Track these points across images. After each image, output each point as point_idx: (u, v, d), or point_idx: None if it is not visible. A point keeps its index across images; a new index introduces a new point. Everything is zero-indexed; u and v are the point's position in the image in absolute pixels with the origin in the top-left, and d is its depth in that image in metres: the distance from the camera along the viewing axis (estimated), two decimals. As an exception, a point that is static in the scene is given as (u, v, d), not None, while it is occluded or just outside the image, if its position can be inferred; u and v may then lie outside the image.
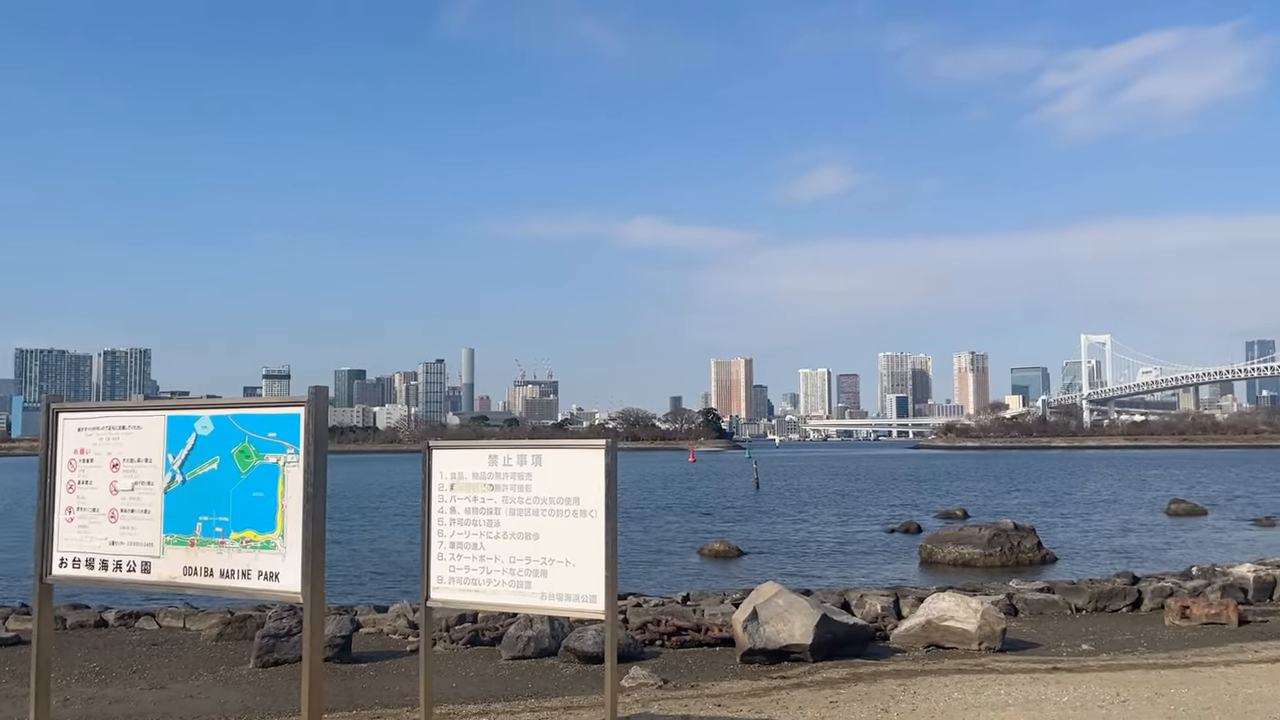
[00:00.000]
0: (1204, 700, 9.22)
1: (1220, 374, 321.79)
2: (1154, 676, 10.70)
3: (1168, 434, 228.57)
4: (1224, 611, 15.97)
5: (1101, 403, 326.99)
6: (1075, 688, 9.94)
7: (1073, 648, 13.74)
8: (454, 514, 7.28)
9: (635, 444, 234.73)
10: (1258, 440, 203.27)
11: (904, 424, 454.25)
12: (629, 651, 12.98)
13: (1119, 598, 18.25)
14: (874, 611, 16.24)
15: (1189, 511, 44.42)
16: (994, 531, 28.47)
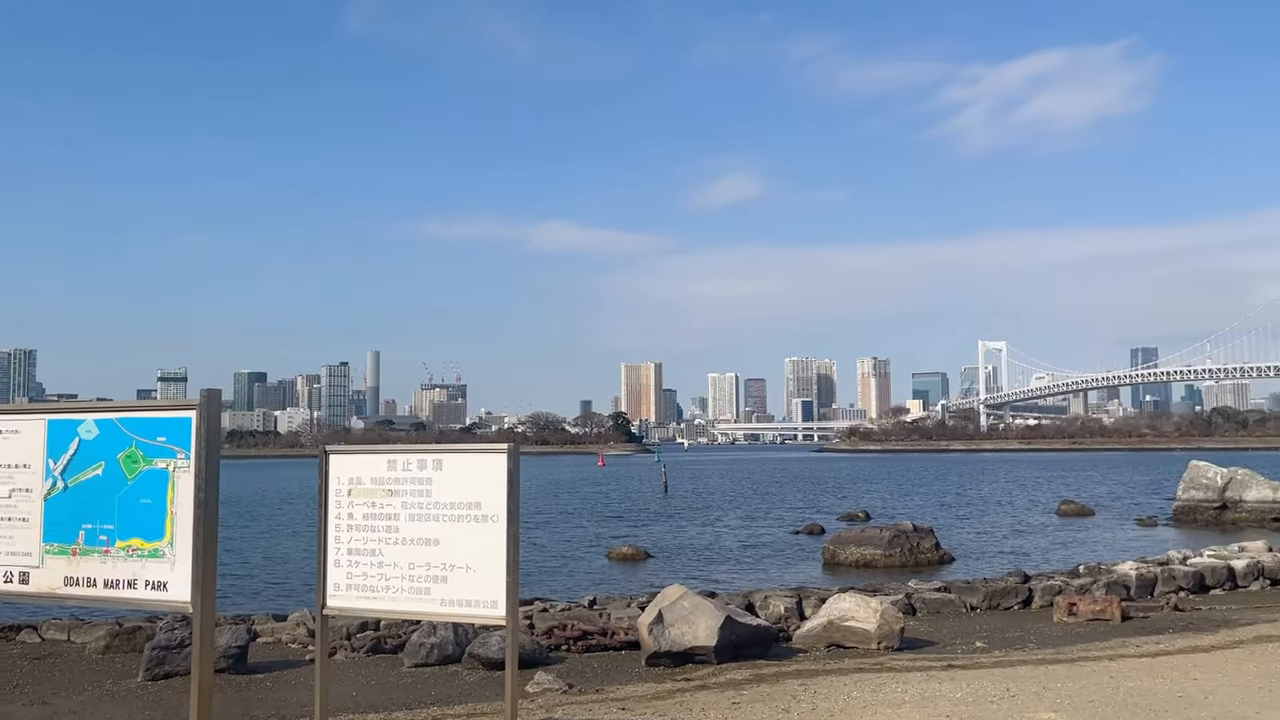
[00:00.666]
0: (1088, 694, 9.59)
1: (1107, 380, 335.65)
2: (1042, 671, 11.09)
3: (1059, 437, 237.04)
4: (1108, 608, 16.66)
5: (997, 407, 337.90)
6: (968, 684, 10.24)
7: (967, 645, 14.15)
8: (352, 520, 7.13)
9: (545, 448, 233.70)
10: (1141, 443, 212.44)
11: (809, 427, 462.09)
12: (534, 657, 12.91)
13: (1011, 596, 18.88)
14: (777, 613, 16.48)
15: (1077, 512, 46.17)
16: (894, 533, 29.15)
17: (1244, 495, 40.29)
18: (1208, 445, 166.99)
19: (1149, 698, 9.30)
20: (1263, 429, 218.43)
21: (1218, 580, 21.20)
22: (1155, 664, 11.54)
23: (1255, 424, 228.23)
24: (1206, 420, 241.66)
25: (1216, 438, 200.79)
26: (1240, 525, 37.61)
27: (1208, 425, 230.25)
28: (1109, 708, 8.93)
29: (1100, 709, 8.88)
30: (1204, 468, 42.53)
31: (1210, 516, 39.79)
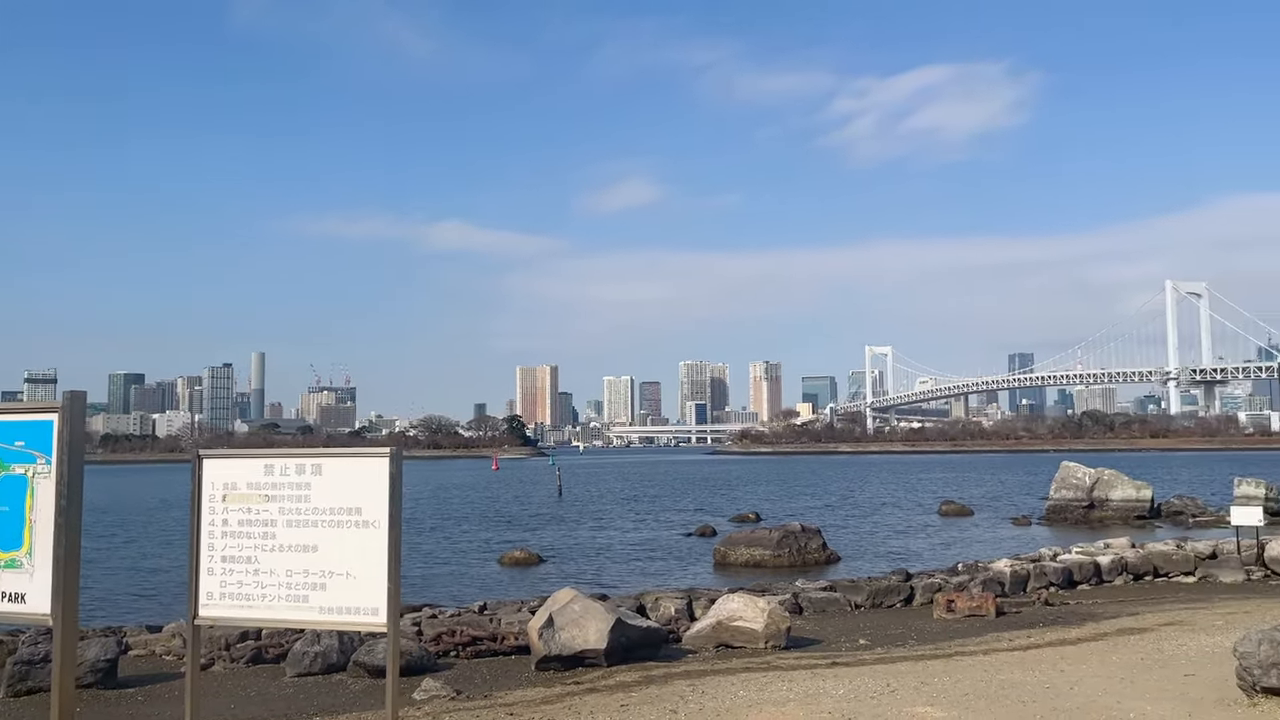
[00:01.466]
0: (963, 687, 9.93)
1: (987, 384, 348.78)
2: (921, 667, 11.43)
3: (941, 439, 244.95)
4: (984, 604, 17.30)
5: (883, 410, 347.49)
6: (851, 680, 10.49)
7: (851, 642, 14.50)
8: (226, 526, 6.88)
9: (437, 452, 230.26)
10: (1018, 445, 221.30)
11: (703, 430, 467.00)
12: (422, 663, 12.70)
13: (894, 594, 19.44)
14: (668, 614, 16.60)
15: (958, 512, 47.82)
16: (783, 533, 29.68)
17: (1110, 494, 42.36)
18: (1078, 447, 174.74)
19: (1019, 689, 9.68)
20: (1128, 431, 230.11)
21: (1085, 576, 22.24)
22: (1026, 657, 12.02)
23: (1121, 426, 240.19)
24: (1077, 423, 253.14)
25: (1086, 439, 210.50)
26: (1107, 523, 39.51)
27: (1078, 428, 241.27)
28: (982, 700, 9.26)
29: (974, 701, 9.20)
30: (1074, 468, 44.55)
31: (1079, 515, 41.68)
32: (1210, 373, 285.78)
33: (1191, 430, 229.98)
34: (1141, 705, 8.75)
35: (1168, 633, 13.61)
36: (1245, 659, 8.48)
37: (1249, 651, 8.47)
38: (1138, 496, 42.02)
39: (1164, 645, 12.33)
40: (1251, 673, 8.43)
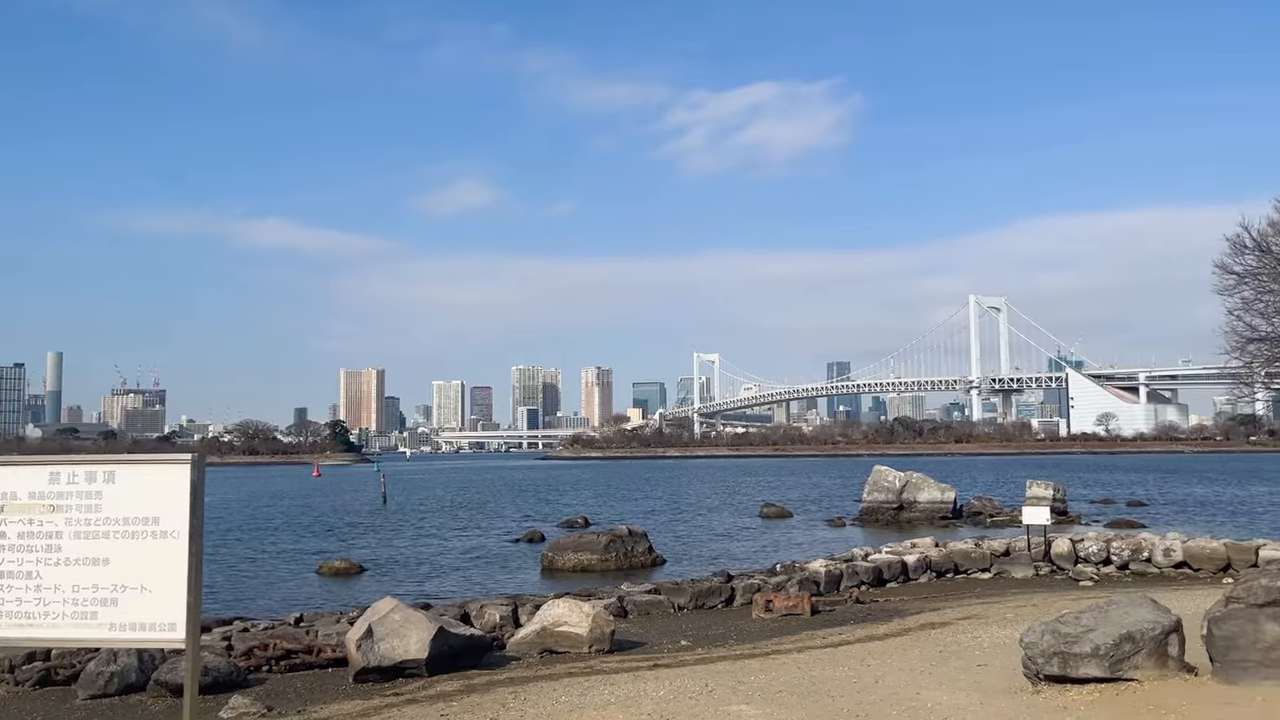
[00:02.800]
0: (778, 684, 10.27)
1: (807, 391, 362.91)
2: (739, 666, 11.76)
3: (764, 444, 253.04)
4: (800, 603, 17.96)
5: (710, 416, 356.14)
6: (671, 681, 10.67)
7: (673, 644, 14.76)
8: (4, 540, 6.35)
9: (254, 458, 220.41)
10: (835, 449, 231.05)
11: (534, 435, 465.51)
12: (231, 680, 12.12)
13: (715, 595, 19.91)
14: (493, 621, 16.45)
15: (778, 514, 49.47)
16: (610, 537, 29.92)
17: (918, 496, 44.78)
18: (890, 451, 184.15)
19: (829, 685, 10.10)
20: (935, 436, 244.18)
21: (893, 574, 23.44)
22: (837, 653, 12.54)
23: (929, 432, 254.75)
24: (889, 429, 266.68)
25: (897, 444, 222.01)
26: (914, 523, 41.75)
27: (890, 433, 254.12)
28: (794, 696, 9.61)
29: (787, 698, 9.53)
30: (885, 472, 46.86)
31: (890, 516, 43.89)
32: (1008, 382, 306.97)
33: (991, 435, 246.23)
34: (938, 695, 9.29)
35: (965, 626, 14.50)
36: (1030, 649, 9.13)
37: (1033, 642, 9.13)
38: (942, 498, 44.59)
39: (961, 638, 13.12)
40: (1035, 661, 9.09)
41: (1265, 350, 17.29)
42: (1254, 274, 16.89)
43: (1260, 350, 17.29)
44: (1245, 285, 17.08)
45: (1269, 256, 16.60)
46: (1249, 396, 25.69)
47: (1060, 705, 8.39)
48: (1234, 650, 8.64)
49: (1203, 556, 24.52)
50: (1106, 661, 8.74)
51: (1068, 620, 9.26)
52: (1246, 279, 17.03)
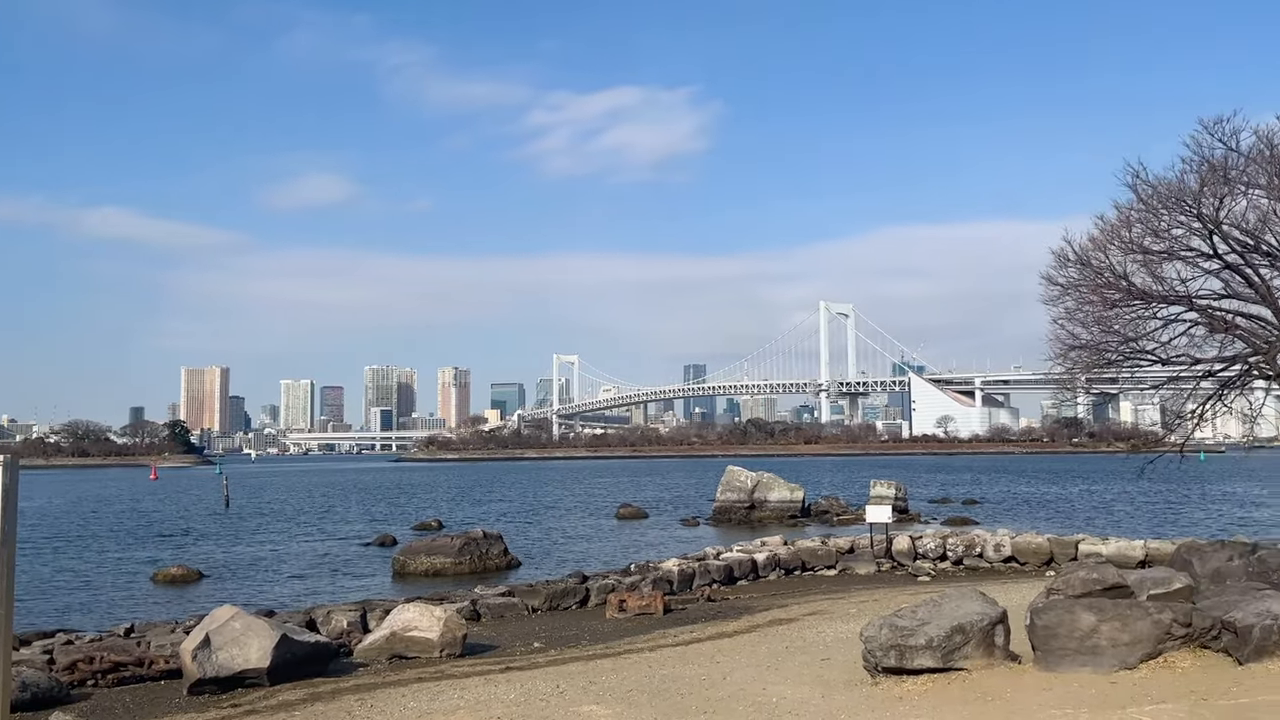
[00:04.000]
0: (628, 683, 10.37)
1: (664, 393, 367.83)
2: (591, 666, 11.81)
3: (622, 445, 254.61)
4: (653, 602, 18.16)
5: (569, 417, 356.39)
6: (523, 684, 10.63)
7: (526, 646, 14.70)
8: None
9: (84, 460, 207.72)
10: (691, 450, 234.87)
11: (388, 437, 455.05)
12: (52, 695, 11.42)
13: (570, 596, 19.93)
14: (340, 627, 16.00)
15: (634, 515, 49.93)
16: (464, 540, 29.54)
17: (768, 496, 45.97)
18: (743, 452, 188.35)
19: (679, 683, 10.26)
20: (786, 438, 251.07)
21: (744, 572, 23.99)
22: (688, 651, 12.76)
23: (781, 433, 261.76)
24: (743, 430, 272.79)
25: (750, 445, 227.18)
26: (765, 522, 42.85)
27: (744, 434, 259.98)
28: (644, 694, 9.72)
29: (637, 697, 9.64)
30: (738, 472, 47.91)
31: (742, 515, 44.90)
32: (855, 385, 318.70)
33: (838, 437, 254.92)
34: (783, 689, 9.57)
35: (810, 622, 14.97)
36: (869, 643, 9.51)
37: (872, 636, 9.51)
38: (791, 497, 45.90)
39: (806, 634, 13.55)
40: (875, 655, 9.47)
41: (1085, 357, 18.49)
42: (1076, 286, 18.05)
43: (1081, 357, 18.48)
44: (1068, 296, 18.23)
45: (1089, 270, 17.79)
46: (1071, 401, 27.45)
47: (896, 696, 8.77)
48: (1053, 639, 9.22)
49: (1029, 551, 26.07)
50: (939, 653, 9.19)
51: (904, 614, 9.69)
52: (1069, 290, 18.19)
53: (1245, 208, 16.79)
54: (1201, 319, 17.28)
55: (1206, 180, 16.57)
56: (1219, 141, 16.58)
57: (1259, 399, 18.77)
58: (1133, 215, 17.56)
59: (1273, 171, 16.18)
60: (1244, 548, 13.81)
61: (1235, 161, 16.53)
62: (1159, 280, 17.40)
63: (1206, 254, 16.99)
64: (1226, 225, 16.64)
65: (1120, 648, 8.97)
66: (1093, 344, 18.18)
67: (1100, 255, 17.79)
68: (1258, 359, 16.98)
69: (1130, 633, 9.00)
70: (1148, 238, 17.39)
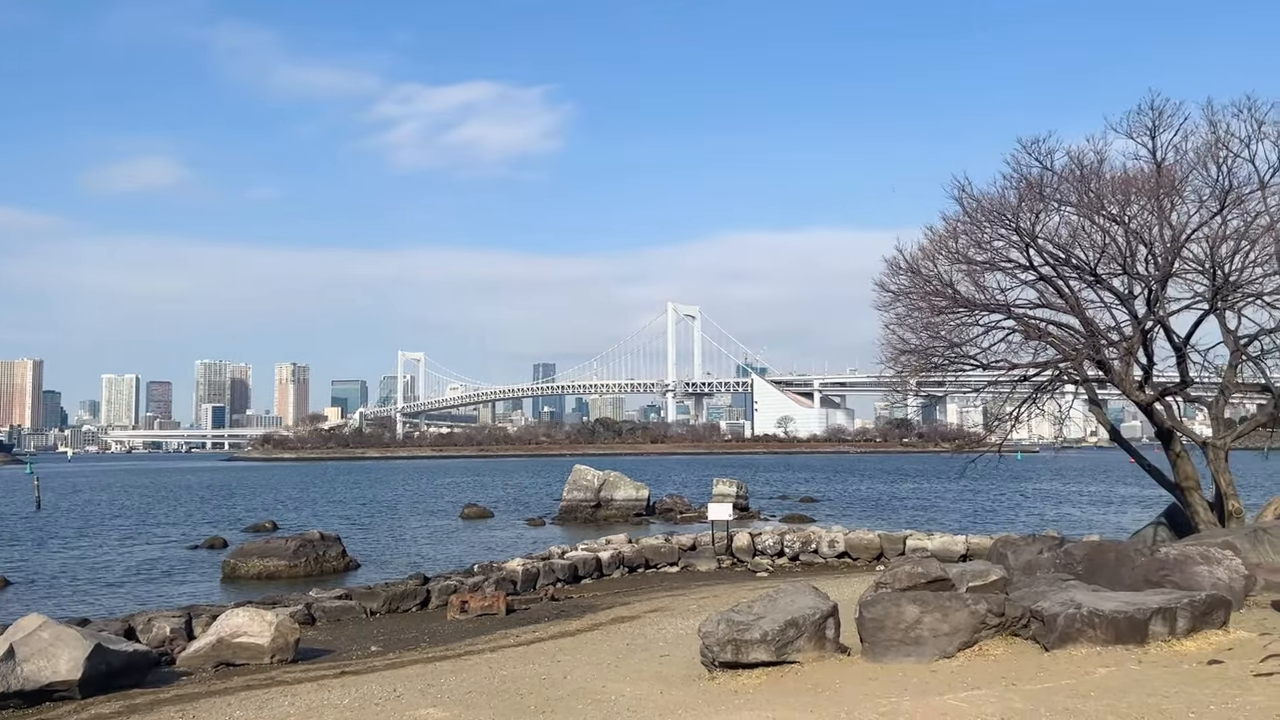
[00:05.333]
0: (468, 685, 10.24)
1: (513, 392, 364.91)
2: (430, 669, 11.61)
3: (469, 444, 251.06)
4: (495, 603, 18.02)
5: (414, 415, 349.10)
6: (358, 689, 10.35)
7: (363, 650, 14.33)
8: None
9: None
10: (539, 449, 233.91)
11: (220, 435, 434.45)
12: None
13: (410, 598, 19.55)
14: (162, 635, 15.19)
15: (479, 515, 49.35)
16: (300, 542, 28.55)
17: (614, 494, 46.30)
18: (591, 451, 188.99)
19: (519, 683, 10.20)
20: (633, 437, 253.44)
21: (588, 570, 24.09)
22: (529, 651, 12.70)
23: (628, 433, 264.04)
24: (591, 429, 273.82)
25: (598, 444, 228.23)
26: (611, 521, 43.13)
27: (592, 434, 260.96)
28: (483, 695, 9.61)
29: (476, 698, 9.52)
30: (584, 471, 48.05)
31: (588, 514, 45.06)
32: (700, 386, 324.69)
33: (684, 436, 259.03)
34: (622, 687, 9.64)
35: (652, 619, 15.17)
36: (707, 638, 9.70)
37: (710, 631, 9.70)
38: (637, 496, 46.38)
39: (648, 631, 13.71)
40: (712, 650, 9.66)
41: (915, 361, 19.41)
42: (906, 293, 18.92)
43: (910, 361, 19.39)
44: (899, 303, 19.10)
45: (919, 278, 18.67)
46: (902, 402, 28.74)
47: (732, 690, 8.97)
48: (880, 630, 9.62)
49: (861, 546, 27.19)
50: (773, 646, 9.46)
51: (741, 610, 9.93)
52: (900, 297, 19.06)
53: (1058, 223, 18.00)
54: (1018, 327, 18.40)
55: (1024, 196, 17.67)
56: (1035, 160, 17.72)
57: (1068, 402, 20.13)
58: (959, 227, 18.54)
59: (1083, 190, 17.38)
60: (1053, 541, 14.80)
61: (1050, 180, 17.69)
62: (981, 289, 18.44)
63: (1024, 265, 18.11)
64: (1042, 239, 17.78)
65: (941, 638, 9.44)
66: (921, 348, 19.10)
67: (929, 264, 18.71)
68: (1067, 365, 18.22)
69: (950, 623, 9.49)
70: (972, 249, 18.40)
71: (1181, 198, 17.20)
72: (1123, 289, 17.78)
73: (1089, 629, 9.05)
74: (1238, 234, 16.82)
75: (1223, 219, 16.81)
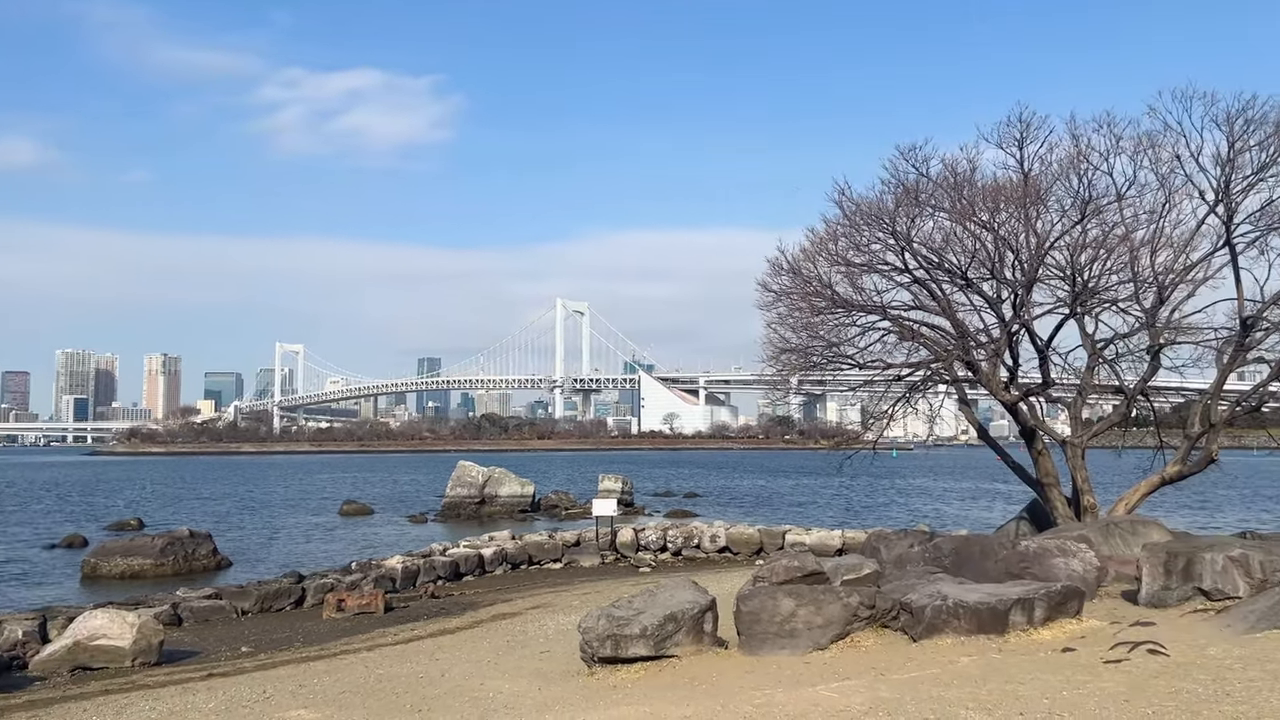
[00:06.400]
0: (341, 685, 10.00)
1: (396, 386, 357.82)
2: (303, 669, 11.30)
3: (349, 440, 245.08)
4: (373, 601, 17.67)
5: (292, 409, 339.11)
6: (225, 691, 10.00)
7: (233, 651, 13.87)
8: None
9: None
10: (423, 445, 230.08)
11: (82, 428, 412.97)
12: None
13: (284, 597, 19.01)
14: (13, 638, 14.39)
15: (358, 511, 48.27)
16: (168, 540, 27.44)
17: (499, 491, 45.95)
18: (477, 447, 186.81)
19: (395, 682, 10.02)
20: (520, 433, 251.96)
21: (470, 567, 23.85)
22: (407, 649, 12.50)
23: (515, 428, 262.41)
24: (476, 425, 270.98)
25: (484, 440, 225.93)
26: (495, 517, 42.80)
27: (477, 429, 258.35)
28: (358, 695, 9.41)
29: (350, 698, 9.32)
30: (469, 467, 47.53)
31: (472, 511, 44.59)
32: (588, 382, 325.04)
33: (571, 432, 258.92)
34: (501, 684, 9.58)
35: (534, 615, 15.11)
36: (587, 634, 9.71)
37: (590, 627, 9.72)
38: (522, 492, 46.15)
39: (529, 627, 13.66)
40: (592, 645, 9.68)
41: (795, 360, 19.84)
42: (788, 293, 19.33)
43: (791, 360, 19.81)
44: (780, 302, 19.50)
45: (799, 278, 19.09)
46: (784, 400, 29.37)
47: (610, 685, 9.00)
48: (757, 624, 9.81)
49: (742, 541, 27.66)
50: (652, 641, 9.54)
51: (621, 605, 9.98)
52: (782, 297, 19.45)
53: (932, 228, 18.67)
54: (894, 328, 19.01)
55: (901, 201, 18.25)
56: (912, 167, 18.33)
57: (940, 401, 20.89)
58: (839, 230, 19.04)
59: (956, 197, 18.06)
60: (924, 535, 15.35)
61: (925, 186, 18.32)
62: (859, 290, 18.97)
63: (899, 268, 18.71)
64: (917, 243, 18.41)
65: (814, 630, 9.68)
66: (801, 347, 19.53)
67: (810, 265, 19.15)
68: (939, 365, 18.90)
69: (823, 616, 9.74)
70: (851, 251, 18.92)
71: (1046, 207, 18.05)
72: (991, 293, 18.55)
73: (954, 620, 9.41)
74: (1096, 243, 17.73)
75: (1083, 228, 17.70)
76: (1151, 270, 17.44)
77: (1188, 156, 16.88)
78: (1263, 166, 16.60)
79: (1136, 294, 17.76)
